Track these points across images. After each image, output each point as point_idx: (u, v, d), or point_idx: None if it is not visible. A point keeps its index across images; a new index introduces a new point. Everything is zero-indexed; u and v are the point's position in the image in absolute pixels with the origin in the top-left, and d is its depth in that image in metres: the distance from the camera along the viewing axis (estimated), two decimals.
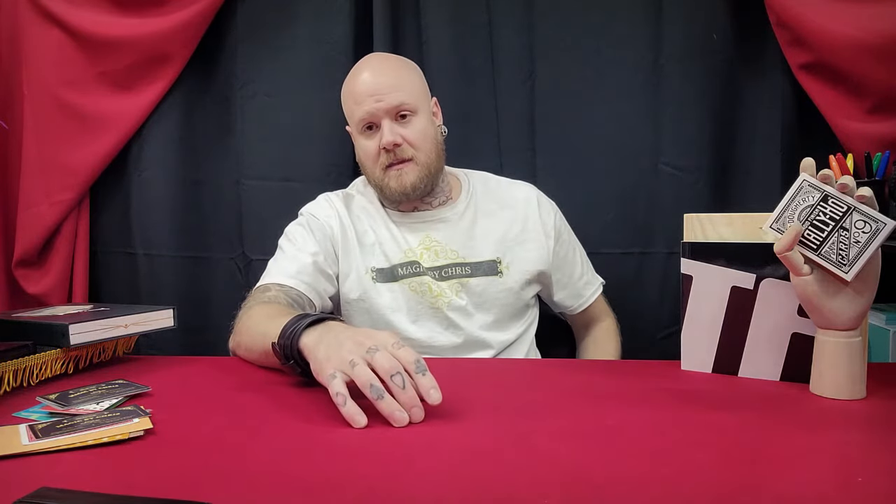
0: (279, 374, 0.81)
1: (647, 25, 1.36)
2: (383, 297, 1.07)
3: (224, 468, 0.52)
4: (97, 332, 0.85)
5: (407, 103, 1.04)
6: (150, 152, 1.43)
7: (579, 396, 0.72)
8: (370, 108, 1.03)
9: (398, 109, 1.04)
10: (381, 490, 0.48)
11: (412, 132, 1.05)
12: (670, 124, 1.36)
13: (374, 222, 1.12)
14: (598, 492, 0.47)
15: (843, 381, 0.68)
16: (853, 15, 1.15)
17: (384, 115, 1.03)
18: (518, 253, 1.11)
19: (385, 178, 1.07)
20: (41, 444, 0.56)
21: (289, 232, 1.13)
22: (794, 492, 0.47)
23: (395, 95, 1.03)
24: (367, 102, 1.03)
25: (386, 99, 1.03)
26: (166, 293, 1.43)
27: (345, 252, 1.09)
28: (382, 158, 1.05)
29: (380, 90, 1.03)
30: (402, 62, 1.11)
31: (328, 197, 1.17)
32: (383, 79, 1.05)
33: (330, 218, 1.12)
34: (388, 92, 1.03)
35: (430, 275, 1.07)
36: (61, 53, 1.35)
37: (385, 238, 1.10)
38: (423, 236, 1.10)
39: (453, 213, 1.12)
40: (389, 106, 1.03)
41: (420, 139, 1.06)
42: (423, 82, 1.12)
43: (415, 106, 1.05)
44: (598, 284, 1.22)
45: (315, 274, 1.05)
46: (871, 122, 1.20)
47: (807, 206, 0.69)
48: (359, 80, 1.06)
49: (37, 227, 1.37)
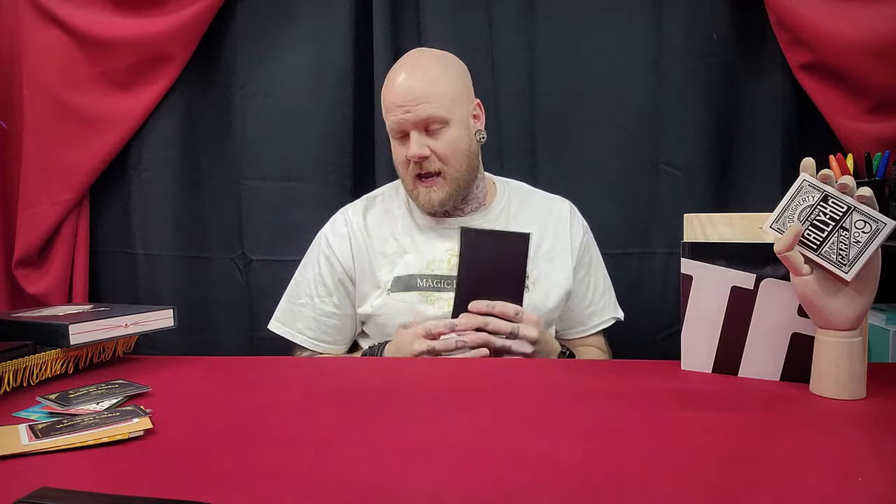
0: (279, 375, 0.82)
1: (648, 25, 1.36)
2: (396, 306, 1.06)
3: (224, 468, 0.52)
4: (97, 332, 0.84)
5: (436, 115, 1.01)
6: (150, 152, 1.43)
7: (579, 396, 0.72)
8: (399, 118, 1.02)
9: (426, 123, 1.01)
10: (381, 490, 0.48)
11: (441, 145, 1.02)
12: (670, 124, 1.36)
13: (397, 229, 1.11)
14: (598, 492, 0.47)
15: (843, 381, 0.68)
16: (853, 15, 1.15)
17: (412, 127, 1.02)
18: (545, 270, 1.08)
19: (415, 190, 1.06)
20: (41, 444, 0.56)
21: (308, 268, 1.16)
22: (794, 492, 0.47)
23: (424, 108, 1.00)
24: (397, 112, 1.02)
25: (414, 111, 1.00)
26: (166, 293, 1.43)
27: (361, 277, 1.10)
28: (410, 169, 1.04)
29: (409, 100, 1.01)
30: (442, 64, 1.06)
31: (346, 214, 1.16)
32: (416, 85, 1.01)
33: (342, 248, 1.11)
34: (418, 103, 1.00)
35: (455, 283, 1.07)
36: (61, 53, 1.34)
37: (408, 245, 1.09)
38: (452, 244, 1.07)
39: (485, 221, 1.10)
40: (417, 119, 1.01)
41: (450, 152, 1.03)
42: (464, 84, 1.08)
43: (446, 117, 1.02)
44: (608, 319, 1.16)
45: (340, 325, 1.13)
46: (871, 122, 1.20)
47: (807, 206, 0.69)
48: (392, 84, 1.04)
49: (37, 227, 1.37)
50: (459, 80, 1.07)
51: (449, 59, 1.09)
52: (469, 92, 1.09)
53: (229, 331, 1.47)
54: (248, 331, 1.46)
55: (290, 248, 1.35)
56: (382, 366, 0.94)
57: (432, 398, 0.72)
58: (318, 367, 0.93)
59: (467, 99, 1.08)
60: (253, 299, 1.46)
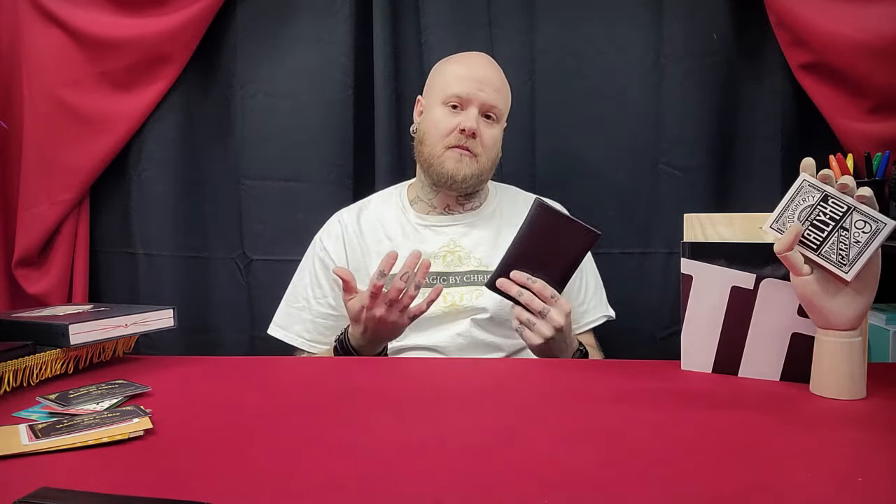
0: (279, 374, 0.82)
1: (648, 25, 1.36)
2: None
3: (224, 468, 0.52)
4: (97, 332, 0.84)
5: (498, 108, 1.09)
6: (150, 152, 1.43)
7: (579, 396, 0.72)
8: (469, 90, 1.06)
9: (490, 108, 1.08)
10: (381, 490, 0.48)
11: (488, 135, 1.09)
12: (670, 124, 1.36)
13: (391, 229, 1.13)
14: (598, 492, 0.47)
15: (843, 381, 0.68)
16: (853, 15, 1.15)
17: (478, 105, 1.07)
18: None
19: (443, 156, 1.08)
20: (41, 444, 0.56)
21: (304, 271, 1.17)
22: (794, 492, 0.47)
23: (495, 96, 1.08)
24: (470, 85, 1.06)
25: (487, 91, 1.07)
26: (166, 293, 1.43)
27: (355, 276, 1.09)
28: (451, 138, 1.07)
29: (485, 82, 1.07)
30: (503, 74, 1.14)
31: (340, 216, 1.18)
32: (492, 75, 1.10)
33: (336, 248, 1.14)
34: (491, 89, 1.07)
35: (452, 280, 1.07)
36: (61, 53, 1.34)
37: (402, 244, 1.11)
38: (446, 240, 1.11)
39: (478, 219, 1.14)
40: (486, 100, 1.07)
41: (490, 144, 1.10)
42: (510, 102, 1.15)
43: (501, 114, 1.11)
44: (600, 318, 1.17)
45: (337, 325, 1.11)
46: (871, 122, 1.20)
47: (807, 206, 0.69)
48: (469, 61, 1.11)
49: (37, 227, 1.37)
50: (510, 96, 1.15)
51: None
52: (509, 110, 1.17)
53: (229, 331, 1.47)
54: (248, 331, 1.46)
55: (290, 248, 1.35)
56: (382, 366, 0.94)
57: (432, 398, 0.72)
58: (318, 367, 0.93)
59: (507, 113, 1.16)
60: (253, 299, 1.46)
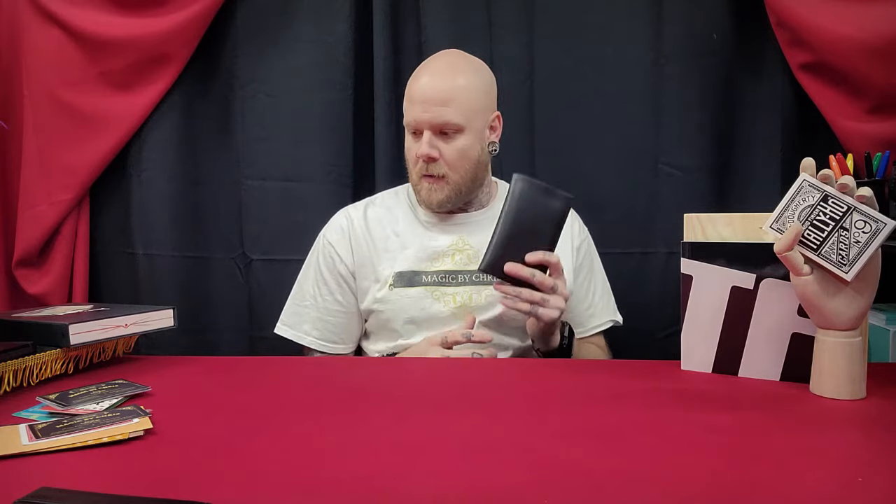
0: (279, 374, 0.82)
1: (647, 25, 1.36)
2: (400, 302, 1.06)
3: (224, 468, 0.52)
4: (97, 332, 0.84)
5: (452, 122, 1.02)
6: (150, 152, 1.43)
7: (579, 396, 0.72)
8: (416, 117, 1.03)
9: (442, 127, 1.02)
10: (381, 490, 0.48)
11: (450, 151, 1.03)
12: (670, 124, 1.36)
13: (398, 226, 1.12)
14: (598, 492, 0.47)
15: (843, 381, 0.68)
16: (853, 15, 1.15)
17: (427, 128, 1.02)
18: None
19: (419, 185, 1.07)
20: (41, 444, 0.56)
21: (310, 269, 1.16)
22: (794, 492, 0.47)
23: (443, 112, 1.01)
24: (416, 110, 1.03)
25: (432, 112, 1.01)
26: (166, 293, 1.43)
27: (361, 272, 1.10)
28: (419, 167, 1.05)
29: (430, 101, 1.01)
30: (471, 70, 1.07)
31: (346, 212, 1.17)
32: (442, 87, 1.02)
33: (342, 244, 1.12)
34: (438, 106, 1.01)
35: (461, 279, 1.07)
36: (61, 53, 1.34)
37: (410, 241, 1.09)
38: (455, 238, 1.09)
39: (485, 218, 1.11)
40: (432, 120, 1.01)
41: (456, 159, 1.04)
42: (488, 96, 1.08)
43: (461, 125, 1.02)
44: (607, 322, 1.16)
45: (345, 322, 1.13)
46: (871, 122, 1.20)
47: (807, 206, 0.69)
48: (418, 81, 1.04)
49: (37, 227, 1.37)
50: (484, 91, 1.07)
51: (479, 69, 1.09)
52: (492, 103, 1.09)
53: (229, 331, 1.47)
54: (248, 331, 1.46)
55: (290, 248, 1.35)
56: (382, 366, 0.94)
57: (432, 398, 0.72)
58: (319, 367, 0.94)
59: (488, 110, 1.08)
60: (253, 299, 1.46)
